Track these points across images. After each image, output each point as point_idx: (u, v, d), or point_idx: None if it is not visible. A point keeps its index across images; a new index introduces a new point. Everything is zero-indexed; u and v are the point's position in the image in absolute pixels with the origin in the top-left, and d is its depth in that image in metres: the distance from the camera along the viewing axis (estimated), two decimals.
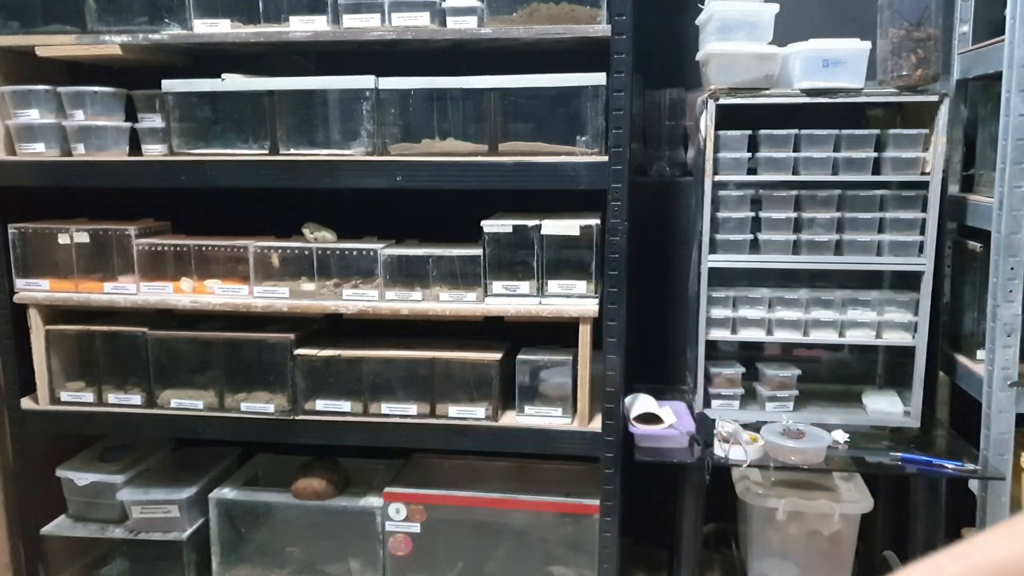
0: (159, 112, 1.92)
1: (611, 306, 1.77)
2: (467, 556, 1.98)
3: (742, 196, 1.89)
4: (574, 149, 1.76)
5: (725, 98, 1.81)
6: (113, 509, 2.06)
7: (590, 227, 1.79)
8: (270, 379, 1.95)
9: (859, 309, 1.92)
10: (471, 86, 1.77)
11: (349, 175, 1.80)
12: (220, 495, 2.03)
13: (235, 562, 2.06)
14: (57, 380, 2.01)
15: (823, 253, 1.88)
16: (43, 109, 1.93)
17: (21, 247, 1.97)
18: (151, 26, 1.85)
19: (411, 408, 1.89)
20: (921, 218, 1.84)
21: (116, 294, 1.95)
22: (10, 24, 1.88)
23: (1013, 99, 1.68)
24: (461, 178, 1.76)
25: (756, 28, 1.83)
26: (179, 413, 1.96)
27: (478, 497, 1.95)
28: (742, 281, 1.96)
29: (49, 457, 2.09)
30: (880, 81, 1.83)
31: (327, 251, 1.90)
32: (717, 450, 1.78)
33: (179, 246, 1.94)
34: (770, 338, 1.95)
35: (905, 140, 1.82)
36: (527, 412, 1.86)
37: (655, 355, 2.25)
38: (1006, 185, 1.71)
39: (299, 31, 1.80)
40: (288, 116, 1.84)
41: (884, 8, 1.80)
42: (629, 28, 1.68)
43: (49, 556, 2.07)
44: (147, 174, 1.90)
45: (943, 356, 2.02)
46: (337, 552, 2.02)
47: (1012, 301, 1.75)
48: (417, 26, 1.76)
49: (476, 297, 1.83)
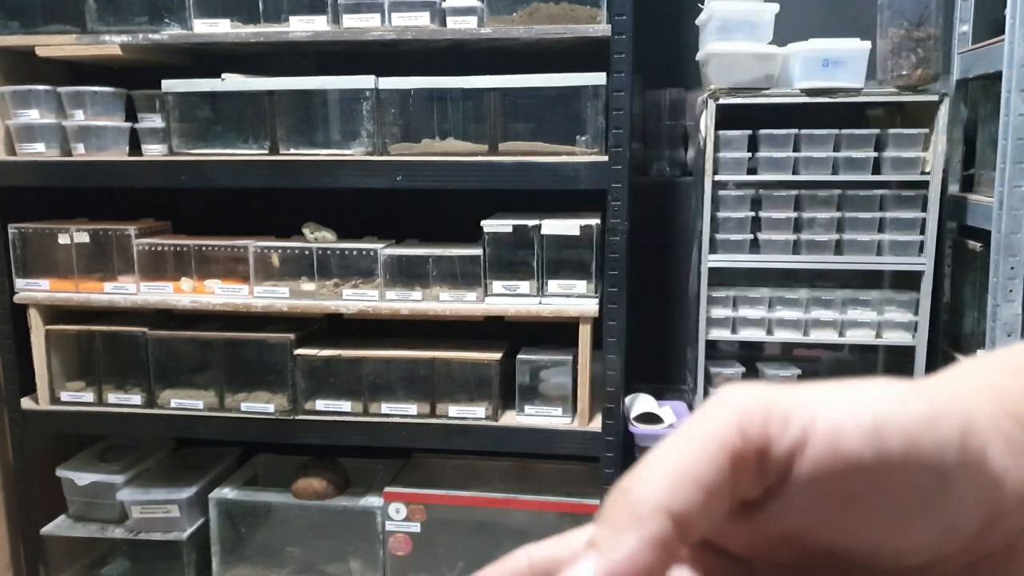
0: (159, 112, 1.92)
1: (611, 306, 1.77)
2: (467, 556, 1.98)
3: (742, 196, 1.89)
4: (574, 149, 1.76)
5: (725, 98, 1.81)
6: (113, 509, 2.06)
7: (590, 227, 1.79)
8: (270, 379, 1.95)
9: (859, 309, 1.92)
10: (471, 86, 1.77)
11: (349, 175, 1.80)
12: (220, 495, 2.03)
13: (235, 562, 2.06)
14: (57, 380, 2.01)
15: (823, 253, 1.88)
16: (43, 109, 1.93)
17: (21, 247, 1.97)
18: (151, 26, 1.85)
19: (411, 408, 1.89)
20: (921, 218, 1.84)
21: (116, 294, 1.95)
22: (10, 24, 1.88)
23: (1013, 99, 1.68)
24: (461, 178, 1.76)
25: (756, 28, 1.83)
26: (179, 413, 1.96)
27: (478, 497, 1.95)
28: (742, 281, 1.96)
29: (49, 457, 2.09)
30: (880, 81, 1.83)
31: (327, 251, 1.89)
32: None
33: (179, 246, 1.94)
34: (770, 338, 1.95)
35: (905, 140, 1.82)
36: (527, 412, 1.86)
37: (655, 355, 2.25)
38: (1006, 185, 1.71)
39: (299, 31, 1.80)
40: (288, 116, 1.84)
41: (884, 8, 1.80)
42: (629, 28, 1.68)
43: (49, 556, 2.07)
44: (147, 174, 1.90)
45: (943, 356, 2.02)
46: (337, 552, 2.02)
47: (1012, 301, 1.75)
48: (417, 26, 1.76)
49: (476, 297, 1.83)
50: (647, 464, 0.25)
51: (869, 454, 0.25)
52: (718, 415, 0.26)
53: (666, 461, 0.25)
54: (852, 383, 0.27)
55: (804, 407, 0.26)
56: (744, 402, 0.26)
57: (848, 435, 0.25)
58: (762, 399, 0.26)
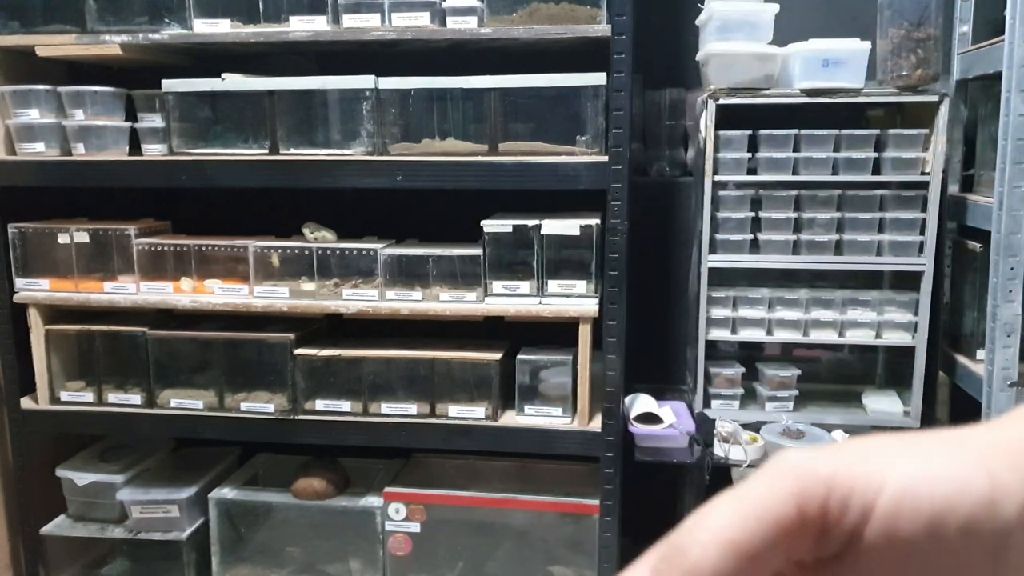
0: (159, 112, 1.92)
1: (611, 306, 1.77)
2: (467, 556, 1.98)
3: (742, 196, 1.89)
4: (574, 149, 1.76)
5: (725, 98, 1.81)
6: (113, 509, 2.06)
7: (590, 227, 1.79)
8: (270, 379, 1.95)
9: (859, 309, 1.92)
10: (471, 86, 1.77)
11: (349, 175, 1.80)
12: (220, 495, 2.03)
13: (235, 562, 2.06)
14: (57, 380, 2.00)
15: (823, 253, 1.88)
16: (43, 109, 1.93)
17: (21, 247, 1.97)
18: (151, 26, 1.85)
19: (411, 408, 1.89)
20: (921, 218, 1.84)
21: (116, 294, 1.95)
22: (10, 24, 1.88)
23: (1013, 99, 1.68)
24: (461, 178, 1.76)
25: (756, 28, 1.83)
26: (179, 413, 1.96)
27: (478, 497, 1.95)
28: (742, 281, 1.96)
29: (49, 457, 2.09)
30: (880, 81, 1.83)
31: (327, 251, 1.89)
32: (717, 450, 1.78)
33: (179, 246, 1.94)
34: (770, 338, 1.95)
35: (905, 140, 1.82)
36: (527, 412, 1.86)
37: (655, 355, 2.25)
38: (1006, 185, 1.71)
39: (299, 31, 1.80)
40: (288, 116, 1.84)
41: (884, 8, 1.80)
42: (629, 28, 1.68)
43: (49, 556, 2.07)
44: (147, 174, 1.90)
45: (943, 356, 2.02)
46: (337, 552, 2.02)
47: (1012, 301, 1.75)
48: (417, 26, 1.76)
49: (476, 297, 1.83)
50: (702, 525, 0.26)
51: (929, 543, 0.26)
52: (777, 486, 0.27)
53: (722, 528, 0.26)
54: (910, 445, 0.28)
55: (864, 485, 0.26)
56: (802, 475, 0.27)
57: (907, 522, 0.26)
58: (820, 472, 0.27)
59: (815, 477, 0.27)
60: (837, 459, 0.27)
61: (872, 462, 0.27)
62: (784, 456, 0.28)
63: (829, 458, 0.27)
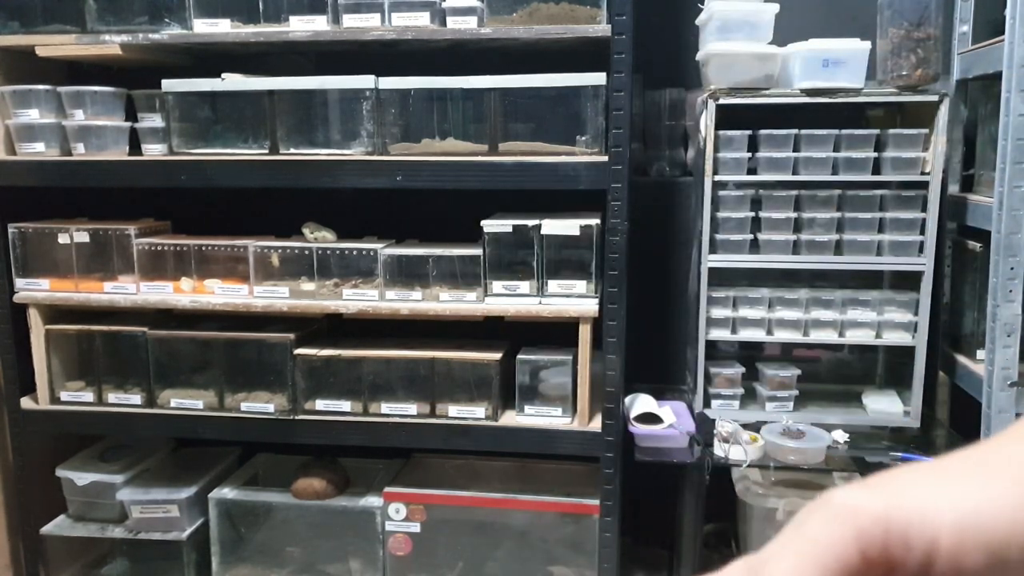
0: (159, 112, 1.92)
1: (611, 306, 1.77)
2: (467, 556, 1.98)
3: (742, 196, 1.89)
4: (574, 149, 1.76)
5: (725, 98, 1.81)
6: (113, 509, 2.06)
7: (590, 227, 1.79)
8: (270, 379, 1.95)
9: (859, 309, 1.92)
10: (471, 86, 1.77)
11: (349, 175, 1.80)
12: (220, 495, 2.03)
13: (235, 562, 2.06)
14: (57, 380, 2.01)
15: (823, 253, 1.88)
16: (43, 109, 1.93)
17: (21, 247, 1.97)
18: (151, 26, 1.85)
19: (411, 408, 1.89)
20: (921, 218, 1.84)
21: (116, 294, 1.95)
22: (10, 24, 1.88)
23: (1013, 99, 1.68)
24: (461, 178, 1.76)
25: (756, 28, 1.83)
26: (179, 413, 1.96)
27: (478, 497, 1.95)
28: (742, 281, 1.96)
29: (49, 457, 2.09)
30: (880, 81, 1.83)
31: (327, 251, 1.90)
32: (717, 450, 1.78)
33: (179, 246, 1.94)
34: (770, 338, 1.95)
35: (905, 140, 1.82)
36: (527, 412, 1.86)
37: (655, 355, 2.25)
38: (1006, 185, 1.71)
39: (299, 31, 1.80)
40: (288, 116, 1.84)
41: (884, 8, 1.80)
42: (629, 28, 1.68)
43: (49, 556, 2.07)
44: (147, 174, 1.90)
45: (943, 356, 2.02)
46: (337, 552, 2.02)
47: (1012, 301, 1.75)
48: (417, 26, 1.76)
49: (476, 297, 1.83)
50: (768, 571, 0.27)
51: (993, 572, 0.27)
52: (836, 531, 0.27)
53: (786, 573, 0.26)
54: (943, 474, 0.28)
55: (920, 522, 0.27)
56: (858, 517, 0.27)
57: (973, 554, 0.26)
58: (873, 512, 0.27)
59: (870, 518, 0.27)
60: (885, 497, 0.27)
61: (918, 497, 0.27)
62: (832, 496, 0.28)
63: (875, 496, 0.27)
